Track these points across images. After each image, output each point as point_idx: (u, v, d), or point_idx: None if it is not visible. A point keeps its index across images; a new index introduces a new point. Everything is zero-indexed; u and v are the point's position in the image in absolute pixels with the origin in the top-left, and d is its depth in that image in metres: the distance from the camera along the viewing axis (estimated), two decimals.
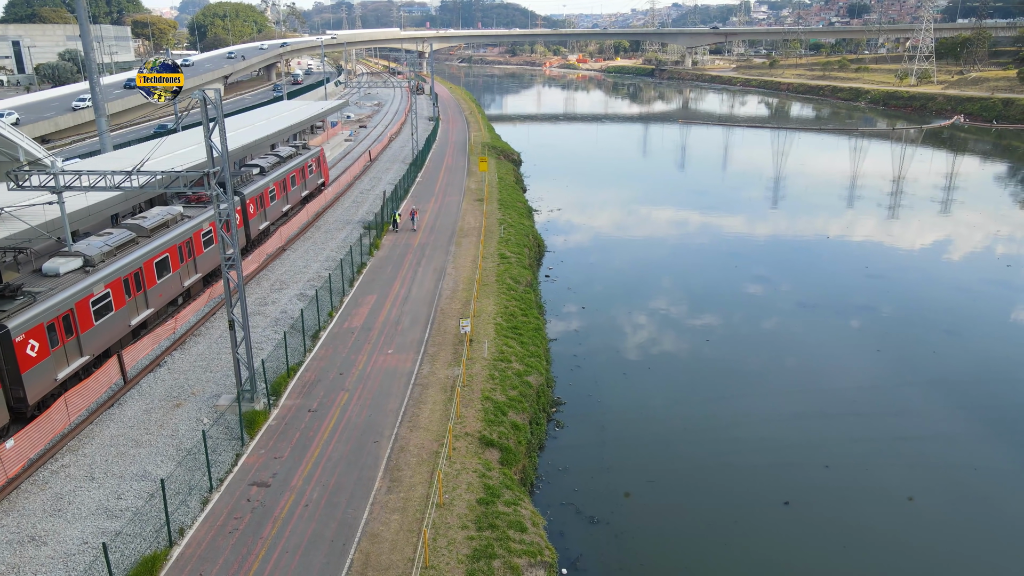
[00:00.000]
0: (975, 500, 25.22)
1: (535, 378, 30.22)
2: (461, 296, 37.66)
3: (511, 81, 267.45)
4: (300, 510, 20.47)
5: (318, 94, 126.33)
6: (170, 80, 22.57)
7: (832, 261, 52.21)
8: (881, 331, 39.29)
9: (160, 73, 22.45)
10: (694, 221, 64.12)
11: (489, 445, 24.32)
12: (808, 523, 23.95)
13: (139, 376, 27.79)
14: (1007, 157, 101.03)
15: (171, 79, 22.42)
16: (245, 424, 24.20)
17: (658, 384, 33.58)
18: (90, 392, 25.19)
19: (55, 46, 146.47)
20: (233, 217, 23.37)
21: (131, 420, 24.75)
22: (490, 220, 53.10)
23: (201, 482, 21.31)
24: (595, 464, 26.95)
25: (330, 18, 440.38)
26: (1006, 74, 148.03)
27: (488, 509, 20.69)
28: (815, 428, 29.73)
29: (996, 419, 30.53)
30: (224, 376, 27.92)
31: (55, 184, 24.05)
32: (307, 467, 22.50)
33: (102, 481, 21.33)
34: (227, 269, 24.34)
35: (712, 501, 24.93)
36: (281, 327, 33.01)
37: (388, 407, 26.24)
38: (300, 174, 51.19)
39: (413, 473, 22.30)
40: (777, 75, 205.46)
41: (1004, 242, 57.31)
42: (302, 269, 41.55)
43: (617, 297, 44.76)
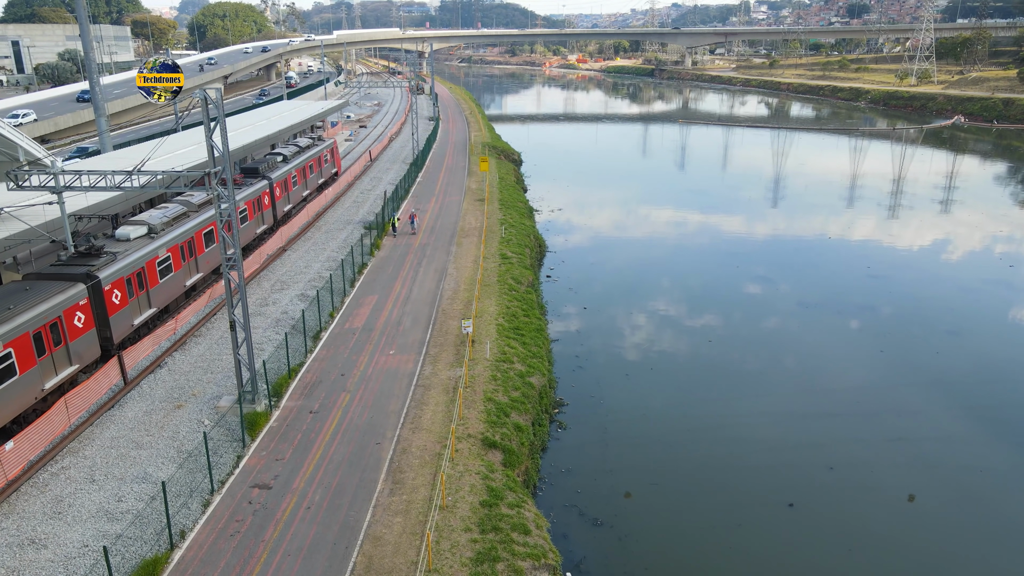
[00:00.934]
0: (979, 501, 25.08)
1: (537, 379, 30.08)
2: (462, 296, 37.52)
3: (511, 81, 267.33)
4: (302, 512, 20.32)
5: (318, 94, 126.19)
6: (170, 80, 22.39)
7: (834, 261, 52.09)
8: (884, 331, 39.16)
9: (160, 73, 22.29)
10: (695, 221, 64.00)
11: (492, 447, 24.18)
12: (813, 525, 23.82)
13: (139, 377, 27.65)
14: (1008, 157, 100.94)
15: (171, 79, 22.24)
16: (246, 425, 24.05)
17: (660, 385, 33.45)
18: (90, 393, 25.04)
19: (55, 46, 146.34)
20: (235, 216, 23.22)
21: (132, 421, 24.60)
22: (491, 220, 52.96)
23: (202, 484, 21.17)
24: (598, 465, 26.81)
25: (330, 18, 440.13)
26: (1006, 74, 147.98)
27: (491, 511, 20.55)
28: (819, 428, 29.61)
29: (1002, 420, 30.39)
30: (225, 377, 27.77)
31: (55, 184, 23.89)
32: (309, 469, 22.36)
33: (102, 483, 21.18)
34: (228, 270, 24.19)
35: (716, 502, 24.80)
36: (282, 328, 32.86)
37: (390, 408, 26.09)
38: (317, 163, 55.45)
39: (416, 475, 22.15)
40: (777, 75, 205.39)
41: (1005, 242, 57.19)
42: (303, 269, 41.40)
43: (618, 297, 44.63)
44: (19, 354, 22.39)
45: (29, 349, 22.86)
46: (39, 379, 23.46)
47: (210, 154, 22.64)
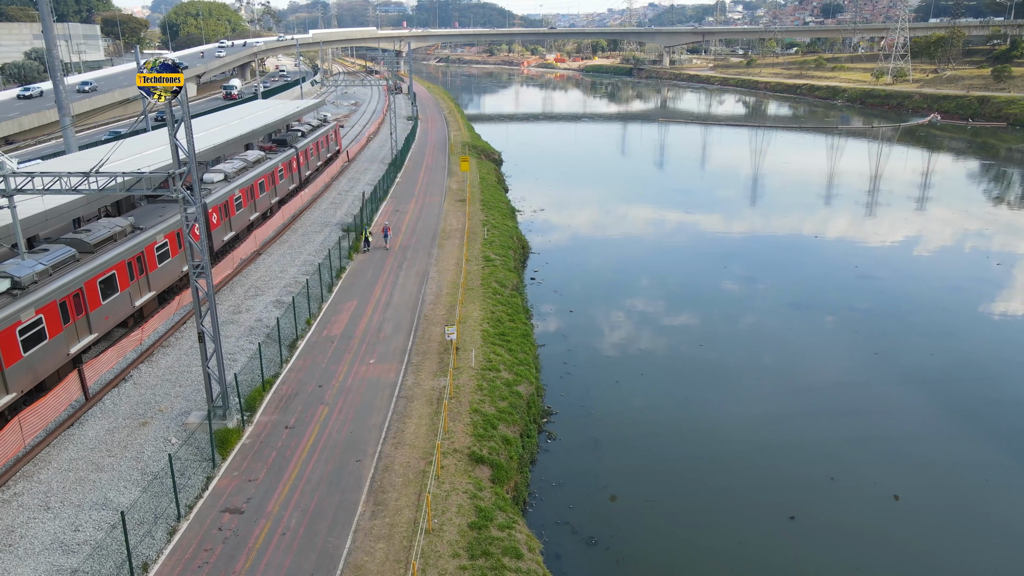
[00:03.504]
0: (975, 502, 24.25)
1: (525, 387, 28.79)
2: (445, 301, 36.14)
3: (489, 80, 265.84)
4: (277, 539, 18.85)
5: (293, 94, 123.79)
6: (170, 80, 20.78)
7: (822, 260, 51.42)
8: (877, 333, 38.36)
9: (160, 73, 20.75)
10: (677, 220, 63.11)
11: (479, 462, 22.86)
12: (819, 538, 22.79)
13: (102, 392, 25.92)
14: (985, 155, 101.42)
15: (171, 79, 20.66)
16: (217, 444, 22.51)
17: (652, 390, 32.34)
18: (48, 410, 23.33)
19: (21, 45, 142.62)
20: (202, 220, 21.68)
21: (92, 441, 22.92)
22: (473, 221, 51.59)
23: (168, 510, 19.60)
24: (590, 479, 25.61)
25: (305, 17, 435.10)
26: (980, 72, 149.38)
27: (481, 534, 19.22)
28: (819, 435, 28.62)
29: (1008, 422, 29.67)
30: (195, 391, 26.16)
31: (5, 187, 22.16)
32: (284, 490, 20.88)
33: (58, 511, 19.53)
34: (196, 278, 22.61)
35: (715, 518, 23.69)
36: (256, 336, 31.26)
37: (371, 422, 24.67)
38: (326, 139, 66.41)
39: (399, 495, 20.76)
40: (755, 74, 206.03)
41: (990, 239, 56.97)
42: (278, 274, 39.76)
43: (605, 299, 43.50)
44: (172, 245, 32.91)
45: (174, 242, 32.77)
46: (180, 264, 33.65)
47: (174, 155, 21.09)
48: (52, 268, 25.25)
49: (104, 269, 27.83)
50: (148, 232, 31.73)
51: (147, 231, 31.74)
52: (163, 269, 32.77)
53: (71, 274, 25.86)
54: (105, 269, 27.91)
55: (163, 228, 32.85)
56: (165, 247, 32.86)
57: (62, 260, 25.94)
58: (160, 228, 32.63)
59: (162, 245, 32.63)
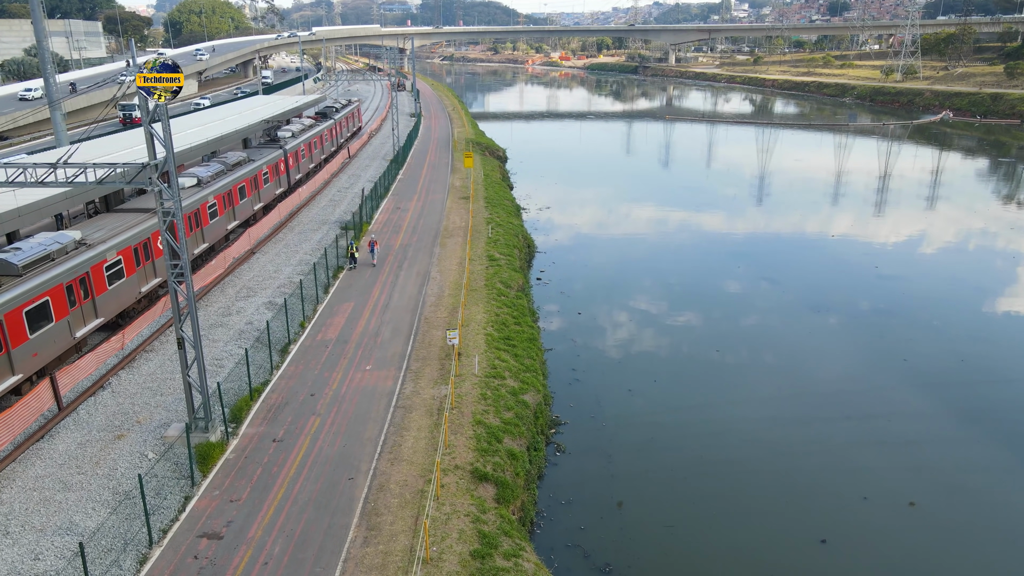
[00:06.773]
0: (993, 507, 22.31)
1: (532, 396, 26.89)
2: (447, 303, 34.26)
3: (494, 78, 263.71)
4: (258, 570, 16.99)
5: (296, 90, 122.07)
6: (170, 80, 19.18)
7: (841, 261, 49.36)
8: (905, 338, 36.31)
9: (160, 73, 19.15)
10: (687, 220, 61.10)
11: (483, 479, 20.98)
12: (850, 556, 20.85)
13: (77, 401, 24.10)
14: (1001, 152, 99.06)
15: (171, 79, 19.07)
16: (197, 459, 20.69)
17: (667, 398, 30.38)
18: (16, 421, 21.53)
19: (22, 41, 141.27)
20: (179, 217, 19.83)
21: (62, 456, 21.10)
22: (477, 219, 49.69)
23: (139, 535, 17.77)
24: (603, 496, 23.66)
25: (309, 15, 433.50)
26: (992, 69, 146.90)
27: (484, 564, 17.35)
28: (845, 442, 26.65)
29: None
30: (176, 401, 24.33)
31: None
32: (269, 512, 19.02)
33: (18, 536, 17.70)
34: (175, 281, 20.77)
35: (738, 540, 21.74)
36: (246, 340, 29.43)
37: (366, 435, 22.80)
38: (351, 117, 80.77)
39: (395, 519, 18.89)
40: (761, 72, 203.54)
41: (1013, 240, 54.86)
42: (272, 274, 37.93)
43: (614, 300, 41.56)
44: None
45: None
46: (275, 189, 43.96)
47: (149, 145, 19.26)
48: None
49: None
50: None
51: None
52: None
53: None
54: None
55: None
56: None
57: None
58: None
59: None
